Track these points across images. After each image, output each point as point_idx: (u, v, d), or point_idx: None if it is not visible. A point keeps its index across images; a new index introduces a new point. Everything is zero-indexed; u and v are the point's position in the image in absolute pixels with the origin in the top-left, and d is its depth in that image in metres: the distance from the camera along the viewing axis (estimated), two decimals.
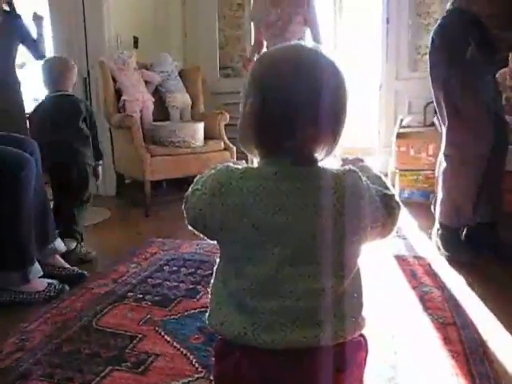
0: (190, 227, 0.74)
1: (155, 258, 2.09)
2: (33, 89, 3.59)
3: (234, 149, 3.28)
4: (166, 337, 1.39)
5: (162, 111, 3.55)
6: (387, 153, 3.71)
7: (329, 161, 0.72)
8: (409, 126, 3.48)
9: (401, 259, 2.03)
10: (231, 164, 0.70)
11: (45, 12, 3.52)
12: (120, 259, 2.09)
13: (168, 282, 1.81)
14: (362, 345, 0.72)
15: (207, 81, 4.01)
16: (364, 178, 0.70)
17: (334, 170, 0.68)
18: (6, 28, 3.07)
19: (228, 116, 3.43)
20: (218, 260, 0.73)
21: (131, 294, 1.71)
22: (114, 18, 3.46)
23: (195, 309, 1.56)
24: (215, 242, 0.72)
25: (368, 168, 0.78)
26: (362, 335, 0.72)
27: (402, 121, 3.51)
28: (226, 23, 4.38)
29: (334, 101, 0.66)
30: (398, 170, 3.19)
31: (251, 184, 0.65)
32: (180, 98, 3.57)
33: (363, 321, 0.70)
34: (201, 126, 3.21)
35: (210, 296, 0.73)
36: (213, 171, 0.71)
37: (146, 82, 3.50)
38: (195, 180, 0.76)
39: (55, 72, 2.30)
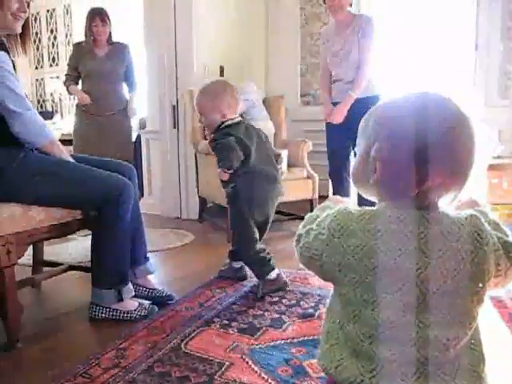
0: (302, 266, 0.74)
1: (239, 285, 2.12)
2: None
3: (317, 177, 3.27)
4: (253, 366, 1.39)
5: None
6: (476, 184, 3.53)
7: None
8: (500, 157, 3.29)
9: (496, 301, 1.90)
10: (349, 206, 0.70)
11: (140, 45, 3.80)
12: (205, 283, 2.14)
13: (253, 310, 1.82)
14: None
15: (288, 108, 4.07)
16: (486, 224, 0.67)
17: (456, 215, 0.66)
18: (116, 56, 3.36)
19: (311, 144, 3.44)
20: (329, 299, 0.72)
21: (217, 319, 1.73)
22: (203, 49, 3.62)
23: (281, 339, 1.56)
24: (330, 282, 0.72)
25: (486, 213, 0.75)
26: None
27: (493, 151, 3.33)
28: (306, 51, 4.46)
29: (464, 149, 0.65)
30: (488, 204, 3.01)
31: (373, 227, 0.65)
32: (264, 126, 3.64)
33: (486, 376, 0.66)
34: (284, 153, 3.23)
35: (322, 335, 0.72)
36: (329, 211, 0.70)
37: None
38: (306, 218, 0.76)
39: None
